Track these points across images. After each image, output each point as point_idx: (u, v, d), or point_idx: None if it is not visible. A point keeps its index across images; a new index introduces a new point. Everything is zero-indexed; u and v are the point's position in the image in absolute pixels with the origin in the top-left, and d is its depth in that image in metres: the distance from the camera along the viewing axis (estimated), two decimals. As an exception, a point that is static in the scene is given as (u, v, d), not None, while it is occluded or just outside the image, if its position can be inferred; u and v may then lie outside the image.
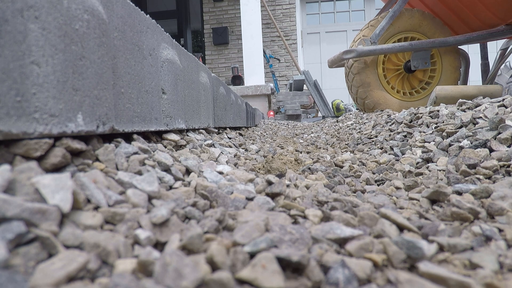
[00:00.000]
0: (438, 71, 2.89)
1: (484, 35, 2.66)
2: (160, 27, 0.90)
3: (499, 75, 5.03)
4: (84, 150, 0.53)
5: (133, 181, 0.52)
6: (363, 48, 2.63)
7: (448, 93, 2.07)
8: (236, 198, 0.57)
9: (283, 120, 5.64)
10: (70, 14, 0.51)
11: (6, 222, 0.33)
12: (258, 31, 5.30)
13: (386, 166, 1.06)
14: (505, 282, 0.36)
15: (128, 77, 0.70)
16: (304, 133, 3.02)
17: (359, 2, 9.02)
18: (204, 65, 1.42)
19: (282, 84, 7.73)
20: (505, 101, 1.24)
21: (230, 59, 7.61)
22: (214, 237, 0.41)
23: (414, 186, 0.79)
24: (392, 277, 0.36)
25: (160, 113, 0.87)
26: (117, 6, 0.67)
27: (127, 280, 0.31)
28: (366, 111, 2.99)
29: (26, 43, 0.43)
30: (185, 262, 0.33)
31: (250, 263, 0.35)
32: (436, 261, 0.42)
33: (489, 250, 0.43)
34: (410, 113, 1.72)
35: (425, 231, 0.49)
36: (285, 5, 7.69)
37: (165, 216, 0.43)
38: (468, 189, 0.66)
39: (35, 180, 0.39)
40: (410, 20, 2.78)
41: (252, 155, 1.29)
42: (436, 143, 1.16)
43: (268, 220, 0.46)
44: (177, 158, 0.76)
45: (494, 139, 0.93)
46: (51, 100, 0.46)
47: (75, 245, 0.36)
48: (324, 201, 0.62)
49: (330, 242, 0.44)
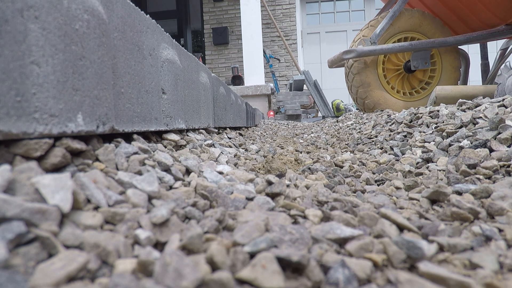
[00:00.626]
0: (438, 71, 2.89)
1: (484, 35, 2.66)
2: (160, 27, 0.90)
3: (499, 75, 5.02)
4: (84, 150, 0.53)
5: (133, 181, 0.52)
6: (363, 48, 2.63)
7: (448, 93, 2.07)
8: (236, 198, 0.57)
9: (283, 120, 5.64)
10: (70, 14, 0.51)
11: (6, 222, 0.33)
12: (258, 31, 5.30)
13: (386, 166, 1.06)
14: (505, 282, 0.36)
15: (128, 77, 0.70)
16: (304, 133, 3.02)
17: (359, 2, 9.02)
18: (204, 65, 1.42)
19: (282, 84, 7.73)
20: (505, 101, 1.24)
21: (230, 59, 7.61)
22: (214, 237, 0.41)
23: (414, 186, 0.79)
24: (392, 277, 0.36)
25: (160, 113, 0.87)
26: (117, 6, 0.67)
27: (127, 280, 0.31)
28: (366, 111, 2.99)
29: (26, 43, 0.43)
30: (185, 262, 0.33)
31: (250, 263, 0.35)
32: (436, 261, 0.42)
33: (489, 250, 0.43)
34: (410, 113, 1.72)
35: (425, 231, 0.49)
36: (285, 5, 7.69)
37: (165, 216, 0.43)
38: (468, 189, 0.66)
39: (35, 180, 0.39)
40: (410, 20, 2.78)
41: (252, 155, 1.29)
42: (436, 143, 1.16)
43: (268, 220, 0.46)
44: (177, 158, 0.76)
45: (494, 139, 0.93)
46: (51, 100, 0.46)
47: (75, 245, 0.36)
48: (324, 201, 0.62)
49: (330, 242, 0.44)
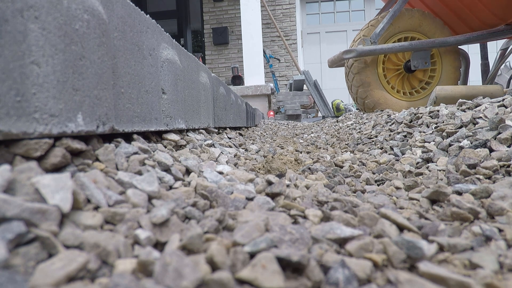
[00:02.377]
0: (438, 71, 2.89)
1: (484, 35, 2.66)
2: (160, 27, 0.90)
3: (499, 75, 5.03)
4: (84, 150, 0.53)
5: (133, 181, 0.52)
6: (363, 48, 2.63)
7: (448, 93, 2.07)
8: (236, 198, 0.57)
9: (283, 120, 5.64)
10: (70, 14, 0.51)
11: (6, 222, 0.33)
12: (258, 31, 5.29)
13: (386, 166, 1.06)
14: (505, 282, 0.36)
15: (128, 77, 0.70)
16: (304, 133, 3.02)
17: (359, 2, 9.02)
18: (204, 65, 1.42)
19: (282, 84, 7.72)
20: (505, 101, 1.24)
21: (230, 59, 7.60)
22: (214, 237, 0.41)
23: (414, 186, 0.79)
24: (392, 277, 0.36)
25: (160, 113, 0.87)
26: (117, 6, 0.67)
27: (127, 280, 0.31)
28: (366, 111, 2.99)
29: (26, 43, 0.43)
30: (185, 262, 0.33)
31: (250, 263, 0.35)
32: (436, 261, 0.42)
33: (489, 250, 0.43)
34: (410, 113, 1.72)
35: (425, 231, 0.49)
36: (285, 5, 7.68)
37: (165, 216, 0.43)
38: (468, 189, 0.66)
39: (35, 180, 0.39)
40: (410, 20, 2.78)
41: (252, 155, 1.29)
42: (436, 143, 1.16)
43: (268, 220, 0.46)
44: (177, 158, 0.76)
45: (494, 139, 0.93)
46: (51, 100, 0.46)
47: (75, 245, 0.36)
48: (324, 201, 0.62)
49: (330, 242, 0.44)
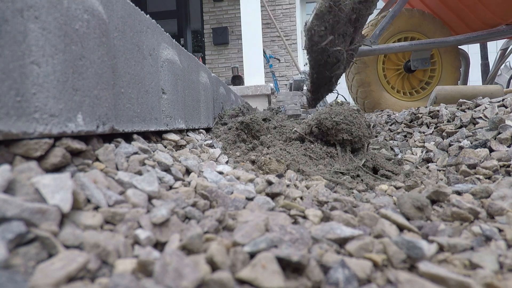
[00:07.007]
0: (438, 71, 2.89)
1: (484, 35, 2.66)
2: (160, 27, 0.90)
3: (499, 75, 5.02)
4: (84, 150, 0.53)
5: (133, 181, 0.52)
6: (363, 48, 2.63)
7: (448, 93, 2.07)
8: (236, 198, 0.57)
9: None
10: (70, 14, 0.51)
11: (6, 222, 0.33)
12: (258, 31, 5.29)
13: (386, 166, 1.05)
14: (505, 282, 0.36)
15: (128, 77, 0.70)
16: (304, 133, 3.01)
17: (359, 2, 9.00)
18: (204, 65, 1.42)
19: (282, 84, 7.72)
20: (505, 101, 1.24)
21: (230, 59, 7.60)
22: (214, 237, 0.41)
23: (414, 186, 0.79)
24: (392, 277, 0.36)
25: (160, 113, 0.87)
26: (117, 6, 0.67)
27: (127, 280, 0.31)
28: (366, 111, 2.99)
29: (26, 43, 0.43)
30: (185, 262, 0.33)
31: (250, 263, 0.35)
32: (436, 261, 0.42)
33: (489, 250, 0.43)
34: (410, 113, 1.72)
35: (425, 231, 0.49)
36: (285, 5, 7.68)
37: (165, 216, 0.43)
38: (468, 189, 0.66)
39: (35, 180, 0.39)
40: (410, 20, 2.78)
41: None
42: (436, 143, 1.16)
43: (268, 220, 0.46)
44: (177, 158, 0.76)
45: (494, 139, 0.93)
46: (51, 100, 0.46)
47: (75, 245, 0.36)
48: (324, 201, 0.62)
49: (330, 242, 0.44)
